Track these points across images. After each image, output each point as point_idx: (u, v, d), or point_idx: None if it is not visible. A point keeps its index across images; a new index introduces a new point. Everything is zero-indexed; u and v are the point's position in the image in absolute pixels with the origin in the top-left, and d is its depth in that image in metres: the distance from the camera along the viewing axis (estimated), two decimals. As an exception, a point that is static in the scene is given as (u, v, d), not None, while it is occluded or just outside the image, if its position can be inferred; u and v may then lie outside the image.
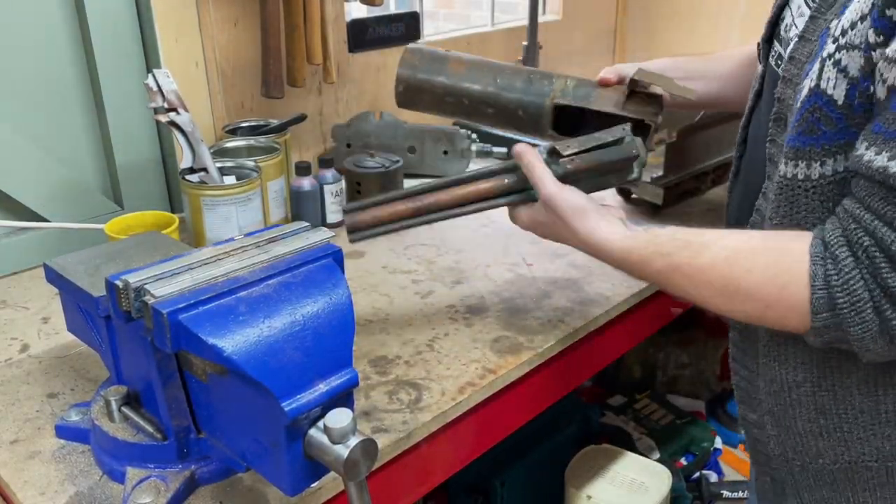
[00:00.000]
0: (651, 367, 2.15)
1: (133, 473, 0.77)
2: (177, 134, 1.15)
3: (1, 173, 1.22)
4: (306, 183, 1.37)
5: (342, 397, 0.66)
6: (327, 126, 1.63)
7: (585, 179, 0.95)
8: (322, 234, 0.77)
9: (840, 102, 0.69)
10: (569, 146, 0.94)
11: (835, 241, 0.69)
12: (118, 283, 0.67)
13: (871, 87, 0.67)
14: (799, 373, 0.79)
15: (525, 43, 1.94)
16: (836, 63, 0.69)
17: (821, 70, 0.70)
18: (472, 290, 1.18)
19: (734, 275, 0.74)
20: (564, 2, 2.15)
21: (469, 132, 1.60)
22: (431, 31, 1.89)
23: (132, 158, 1.35)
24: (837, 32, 0.69)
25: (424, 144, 1.59)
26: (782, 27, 0.82)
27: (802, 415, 0.80)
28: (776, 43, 0.84)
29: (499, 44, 1.96)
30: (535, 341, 1.05)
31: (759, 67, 0.89)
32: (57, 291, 0.87)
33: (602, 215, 0.89)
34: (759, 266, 0.72)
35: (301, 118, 1.48)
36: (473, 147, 1.60)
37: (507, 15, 2.14)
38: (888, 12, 0.64)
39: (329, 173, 1.40)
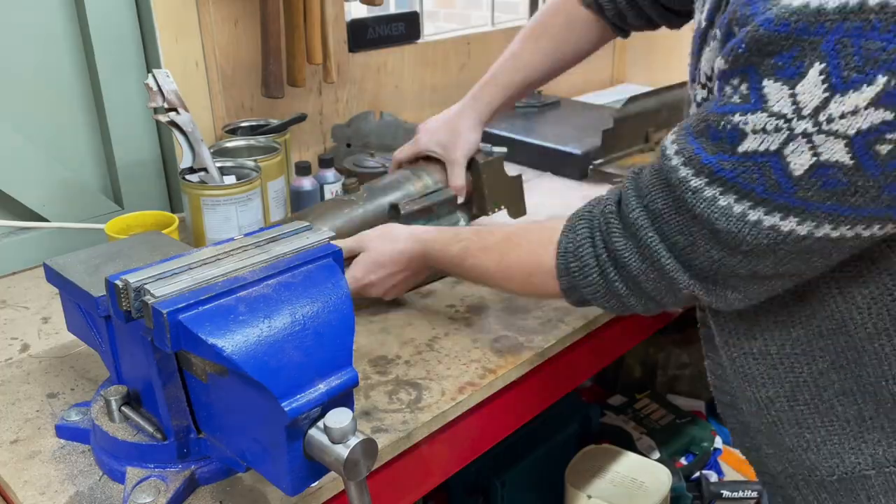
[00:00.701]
0: (651, 367, 2.15)
1: (133, 473, 0.77)
2: (177, 134, 1.15)
3: (1, 173, 1.22)
4: (307, 183, 1.37)
5: (342, 397, 0.66)
6: (327, 126, 1.63)
7: (424, 222, 1.17)
8: (322, 234, 0.77)
9: None
10: (406, 203, 1.17)
11: (580, 213, 0.80)
12: (118, 282, 0.67)
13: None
14: (769, 389, 0.79)
15: (525, 43, 1.94)
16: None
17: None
18: (472, 290, 1.18)
19: (507, 250, 0.88)
20: (564, 2, 2.14)
21: (469, 132, 1.60)
22: (431, 31, 1.89)
23: (132, 158, 1.35)
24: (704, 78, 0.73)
25: (424, 144, 1.59)
26: None
27: (787, 430, 0.80)
28: None
29: (499, 44, 1.96)
30: (535, 341, 1.05)
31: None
32: (57, 291, 0.87)
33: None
34: (528, 241, 0.86)
35: (301, 118, 1.48)
36: (473, 147, 1.60)
37: (507, 15, 2.14)
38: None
39: (329, 173, 1.40)
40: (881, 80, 0.56)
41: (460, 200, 1.25)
